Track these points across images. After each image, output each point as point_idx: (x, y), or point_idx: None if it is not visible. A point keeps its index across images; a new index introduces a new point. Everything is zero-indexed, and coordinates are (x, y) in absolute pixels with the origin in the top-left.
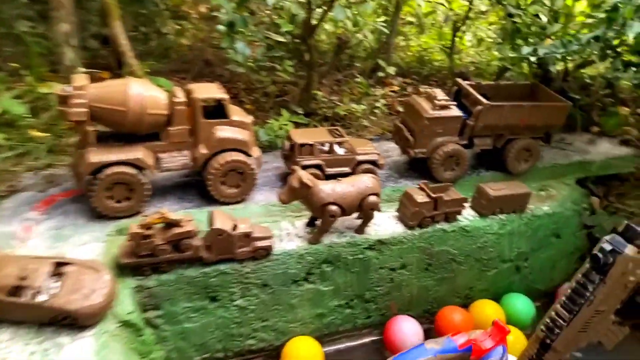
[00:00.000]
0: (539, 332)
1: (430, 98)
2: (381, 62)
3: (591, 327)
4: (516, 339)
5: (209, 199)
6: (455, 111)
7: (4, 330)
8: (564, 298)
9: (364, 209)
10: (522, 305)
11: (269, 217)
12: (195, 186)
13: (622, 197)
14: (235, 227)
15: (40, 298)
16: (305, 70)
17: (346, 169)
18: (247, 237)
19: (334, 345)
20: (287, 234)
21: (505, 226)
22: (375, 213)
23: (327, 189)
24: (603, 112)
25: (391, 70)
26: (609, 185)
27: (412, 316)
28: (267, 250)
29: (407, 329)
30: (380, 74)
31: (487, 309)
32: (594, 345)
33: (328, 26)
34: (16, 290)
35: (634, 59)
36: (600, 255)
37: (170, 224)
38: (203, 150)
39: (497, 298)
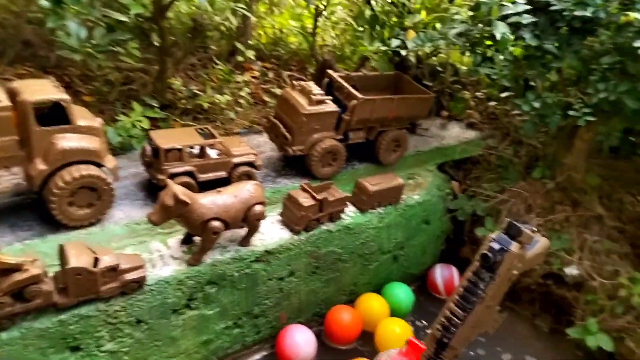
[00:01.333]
0: (435, 332)
1: (306, 92)
2: (239, 45)
3: (481, 320)
4: (402, 330)
5: (53, 223)
6: (331, 106)
7: None
8: (457, 297)
9: (250, 220)
10: (402, 294)
11: (135, 239)
12: (31, 207)
13: (477, 181)
14: (96, 262)
15: None
16: (156, 55)
17: (222, 174)
18: (113, 270)
19: None
20: (160, 257)
21: (383, 219)
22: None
23: (207, 202)
24: (451, 97)
25: (250, 54)
26: (465, 169)
27: (302, 323)
28: (139, 283)
29: (299, 338)
30: (240, 57)
31: (372, 302)
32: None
33: (183, 6)
34: None
35: (494, 55)
36: (490, 254)
37: (7, 270)
38: (40, 166)
39: (378, 289)
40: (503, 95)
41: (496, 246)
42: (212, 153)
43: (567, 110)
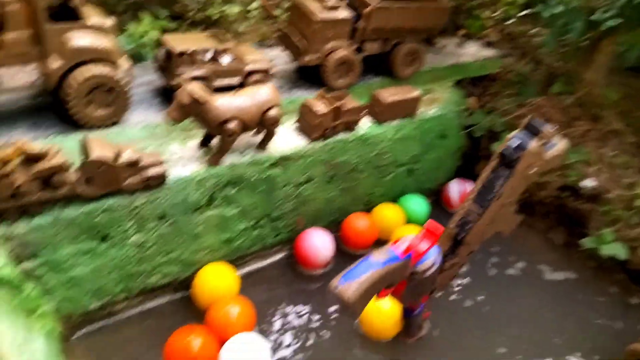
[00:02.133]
0: (451, 230)
1: None
2: None
3: (497, 218)
4: None
5: (73, 123)
6: (345, 12)
7: None
8: (473, 195)
9: (266, 124)
10: (418, 204)
11: (154, 141)
12: (52, 109)
13: (495, 97)
14: (117, 156)
15: None
16: None
17: (235, 81)
18: (134, 165)
19: (245, 268)
20: (180, 158)
21: (399, 132)
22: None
23: (224, 103)
24: (469, 16)
25: None
26: (482, 85)
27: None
28: (161, 179)
29: (317, 240)
30: None
31: (388, 212)
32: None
33: None
34: None
35: None
36: (508, 151)
37: (33, 158)
38: (55, 63)
39: (394, 200)
40: (521, 14)
41: (515, 143)
42: (226, 60)
43: (590, 16)
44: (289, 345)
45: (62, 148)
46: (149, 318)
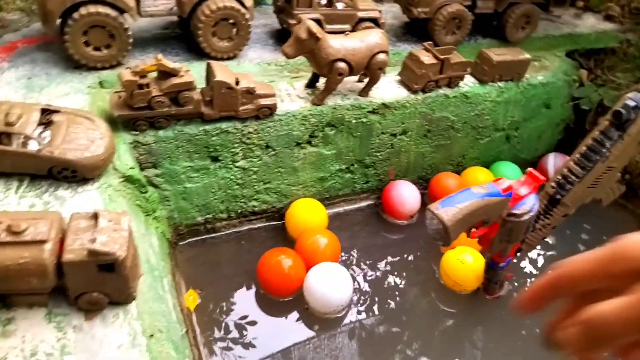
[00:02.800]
0: (549, 189)
1: None
2: None
3: (600, 183)
4: None
5: (196, 53)
6: None
7: None
8: (578, 155)
9: (372, 67)
10: (511, 172)
11: (266, 77)
12: (178, 38)
13: (610, 70)
14: (237, 82)
15: (32, 146)
16: None
17: (346, 27)
18: (250, 93)
19: (334, 209)
20: (288, 95)
21: (503, 93)
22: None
23: (336, 43)
24: None
25: None
26: (597, 58)
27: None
28: (271, 109)
29: (405, 192)
30: None
31: (479, 176)
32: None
33: None
34: (3, 138)
35: None
36: (623, 111)
37: (167, 73)
38: None
39: (486, 166)
40: None
41: (631, 103)
42: (340, 5)
43: None
44: (367, 282)
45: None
46: (245, 239)
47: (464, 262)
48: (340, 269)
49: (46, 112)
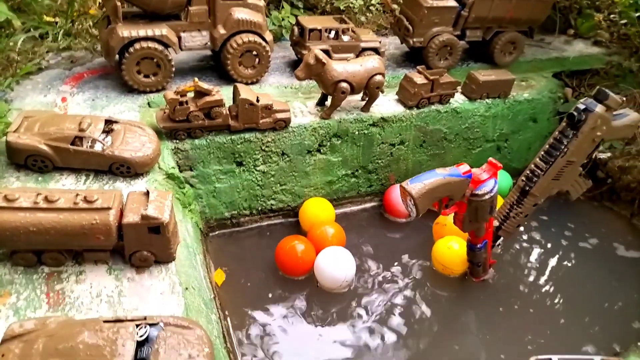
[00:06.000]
0: (520, 182)
1: None
2: None
3: (563, 176)
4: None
5: (226, 79)
6: (451, 2)
7: (66, 175)
8: (542, 152)
9: (370, 87)
10: (502, 179)
11: (283, 97)
12: (210, 69)
13: (592, 88)
14: (258, 100)
15: (97, 148)
16: None
17: (351, 55)
18: (269, 109)
19: (341, 209)
20: (301, 112)
21: (490, 109)
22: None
23: (339, 67)
24: (579, 15)
25: None
26: (581, 78)
27: None
28: (286, 122)
29: None
30: None
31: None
32: (561, 196)
33: None
34: (76, 140)
35: None
36: (575, 113)
37: (202, 93)
38: (222, 30)
39: None
40: None
41: (582, 107)
42: (345, 38)
43: None
44: (369, 267)
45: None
46: (265, 233)
47: (451, 248)
48: (345, 251)
49: (108, 122)
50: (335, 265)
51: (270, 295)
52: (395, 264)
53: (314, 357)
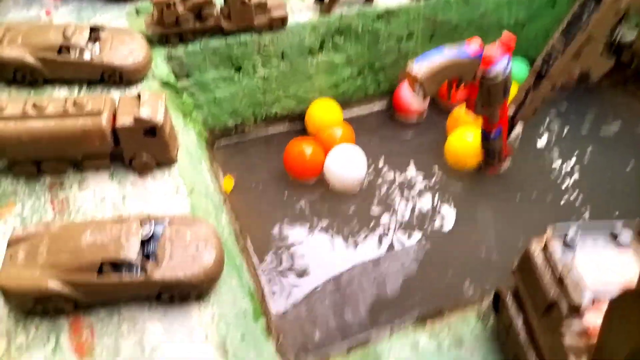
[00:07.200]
0: (536, 67)
1: None
2: None
3: (582, 55)
4: None
5: None
6: None
7: (59, 87)
8: (560, 30)
9: None
10: (520, 69)
11: None
12: None
13: None
14: None
15: (86, 57)
16: None
17: None
18: (263, 6)
19: (348, 113)
20: (299, 9)
21: None
22: None
23: None
24: None
25: None
26: None
27: None
28: (283, 21)
29: None
30: None
31: None
32: (582, 83)
33: None
34: (63, 50)
35: None
36: None
37: None
38: None
39: None
40: None
41: None
42: None
43: None
44: (381, 168)
45: None
46: (271, 140)
47: (464, 140)
48: (355, 148)
49: (94, 30)
50: (346, 163)
51: (281, 200)
52: (408, 162)
53: (330, 259)
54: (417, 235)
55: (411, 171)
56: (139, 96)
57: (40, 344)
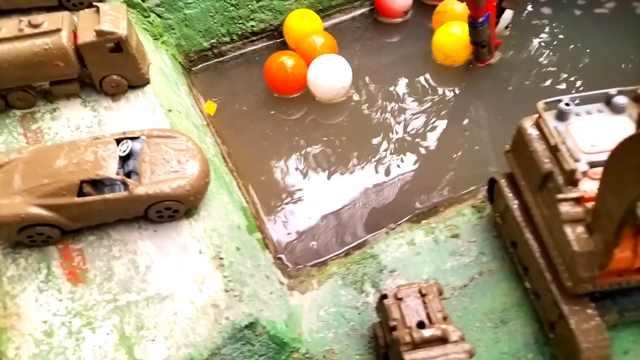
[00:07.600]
0: None
1: None
2: None
3: None
4: None
5: None
6: None
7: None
8: None
9: None
10: None
11: None
12: None
13: None
14: None
15: None
16: None
17: None
18: None
19: (329, 21)
20: None
21: None
22: None
23: None
24: None
25: None
26: None
27: None
28: None
29: None
30: None
31: None
32: None
33: None
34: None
35: None
36: None
37: None
38: None
39: None
40: None
41: None
42: None
43: None
44: (367, 74)
45: None
46: (251, 59)
47: (452, 33)
48: (338, 57)
49: None
50: (329, 73)
51: (268, 119)
52: (395, 66)
53: (323, 175)
54: (409, 139)
55: (400, 76)
56: (97, 10)
57: (32, 274)
